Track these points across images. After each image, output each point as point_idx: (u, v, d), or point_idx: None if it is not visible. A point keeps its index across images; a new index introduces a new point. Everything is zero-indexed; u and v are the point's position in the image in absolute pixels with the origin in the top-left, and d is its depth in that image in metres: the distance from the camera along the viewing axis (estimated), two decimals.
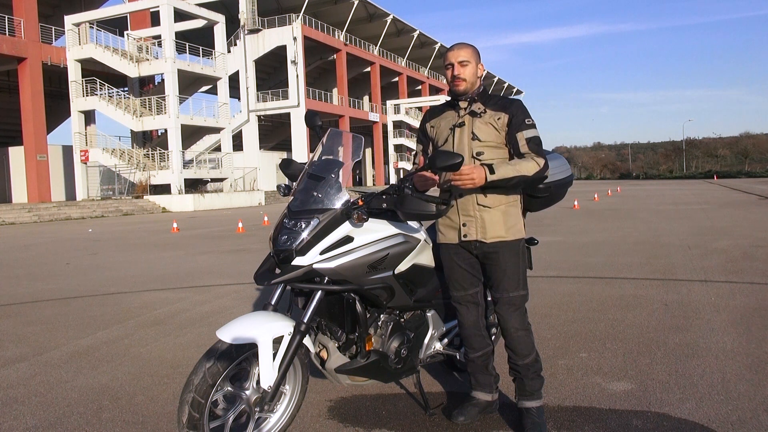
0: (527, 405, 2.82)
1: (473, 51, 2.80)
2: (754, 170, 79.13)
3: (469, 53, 2.77)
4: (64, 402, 3.39)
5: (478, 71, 2.80)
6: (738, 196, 24.27)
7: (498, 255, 2.76)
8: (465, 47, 2.80)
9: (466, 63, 2.75)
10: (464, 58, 2.75)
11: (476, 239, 2.76)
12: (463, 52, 2.77)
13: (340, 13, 48.71)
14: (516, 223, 2.80)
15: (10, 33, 30.90)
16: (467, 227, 2.77)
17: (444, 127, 2.86)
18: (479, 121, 2.75)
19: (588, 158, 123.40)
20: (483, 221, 2.75)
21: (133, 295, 6.61)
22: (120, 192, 32.03)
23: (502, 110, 2.75)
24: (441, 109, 2.94)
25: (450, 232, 2.84)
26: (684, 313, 4.93)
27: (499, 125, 2.74)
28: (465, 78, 2.75)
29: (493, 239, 2.75)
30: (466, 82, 2.76)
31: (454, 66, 2.76)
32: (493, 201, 2.74)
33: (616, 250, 8.92)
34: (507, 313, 2.80)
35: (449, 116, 2.86)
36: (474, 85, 2.79)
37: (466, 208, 2.77)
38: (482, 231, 2.75)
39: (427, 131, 2.96)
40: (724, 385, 3.30)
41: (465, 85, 2.76)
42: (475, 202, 2.75)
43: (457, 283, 2.89)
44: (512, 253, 2.78)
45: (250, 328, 2.36)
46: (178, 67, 31.56)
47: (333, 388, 3.42)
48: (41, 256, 11.07)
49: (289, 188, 2.75)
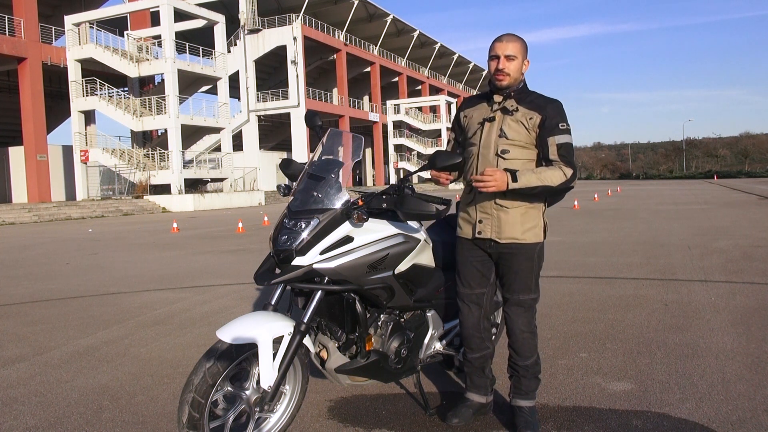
0: (521, 404, 2.81)
1: (522, 45, 2.66)
2: (754, 170, 79.16)
3: (517, 48, 2.64)
4: (64, 402, 3.39)
5: (524, 67, 2.69)
6: (738, 196, 24.27)
7: (511, 257, 2.73)
8: (514, 40, 2.65)
9: (513, 58, 2.63)
10: (511, 52, 2.63)
11: (490, 238, 2.73)
12: (511, 45, 2.63)
13: (340, 13, 48.71)
14: (534, 227, 2.73)
15: (10, 33, 30.90)
16: (482, 224, 2.73)
17: (475, 119, 2.78)
18: (510, 118, 2.67)
19: (588, 158, 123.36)
20: (499, 220, 2.70)
21: (133, 295, 6.61)
22: (120, 192, 32.03)
23: (536, 110, 2.65)
24: (477, 99, 2.84)
25: (466, 226, 2.81)
26: (684, 313, 4.93)
27: (531, 125, 2.65)
28: (509, 73, 2.63)
29: (507, 240, 2.70)
30: (509, 77, 2.64)
31: (500, 59, 2.63)
32: (512, 202, 2.68)
33: (616, 250, 8.92)
34: (515, 314, 2.78)
35: (482, 108, 2.78)
36: (517, 81, 2.68)
37: (484, 206, 2.73)
38: (497, 230, 2.71)
39: (461, 120, 2.88)
40: (724, 385, 3.30)
41: (508, 80, 2.65)
42: (493, 201, 2.70)
43: (465, 279, 2.86)
44: (526, 256, 2.73)
45: (250, 328, 2.36)
46: (178, 67, 31.55)
47: (333, 388, 3.41)
48: (41, 256, 11.07)
49: (289, 188, 2.75)
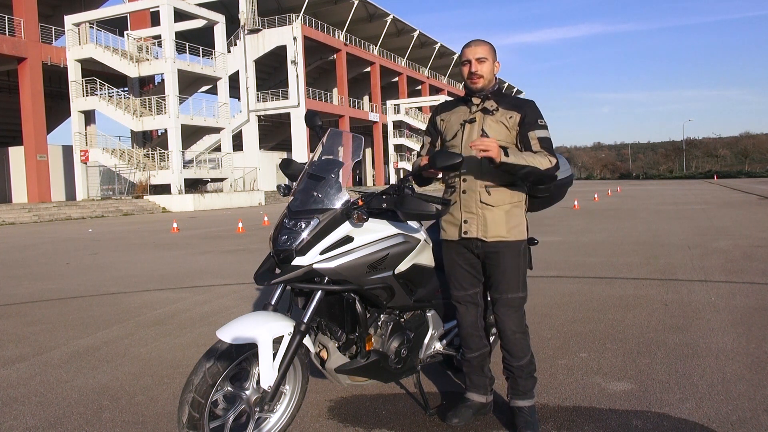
0: (519, 404, 2.82)
1: (490, 48, 2.78)
2: (754, 170, 79.20)
3: (486, 50, 2.76)
4: (64, 402, 3.39)
5: (495, 68, 2.78)
6: (738, 196, 24.28)
7: (498, 255, 2.76)
8: (482, 44, 2.77)
9: (483, 60, 2.74)
10: (482, 54, 2.74)
11: (477, 237, 2.75)
12: (480, 48, 2.75)
13: (340, 13, 48.71)
14: (518, 224, 2.79)
15: (10, 33, 30.90)
16: (468, 224, 2.76)
17: (454, 121, 2.85)
18: (491, 119, 2.74)
19: (588, 158, 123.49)
20: (485, 219, 2.74)
21: (133, 295, 6.61)
22: (120, 192, 32.03)
23: (515, 109, 2.74)
24: (453, 103, 2.92)
25: (451, 228, 2.84)
26: (684, 313, 4.93)
27: (511, 124, 2.73)
28: (483, 75, 2.74)
29: (494, 238, 2.74)
30: (483, 78, 2.74)
31: (472, 63, 2.74)
32: (496, 200, 2.74)
33: (616, 250, 8.92)
34: (505, 314, 2.79)
35: (461, 111, 2.85)
36: (491, 83, 2.78)
37: (468, 205, 2.76)
38: (483, 229, 2.74)
39: (437, 124, 2.94)
40: (724, 385, 3.30)
41: (483, 82, 2.75)
42: (478, 200, 2.74)
43: (457, 282, 2.89)
44: (513, 254, 2.77)
45: (250, 328, 2.36)
46: (178, 67, 31.55)
47: (333, 388, 3.41)
48: (41, 256, 11.07)
49: (289, 188, 2.75)
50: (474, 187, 2.74)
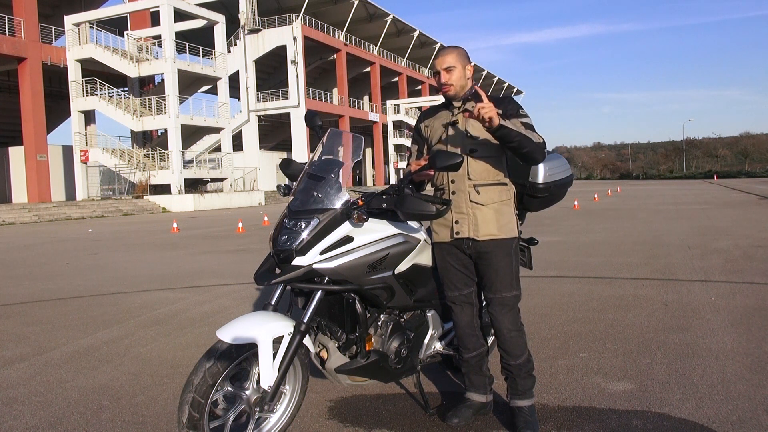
0: (519, 404, 2.82)
1: (458, 54, 2.80)
2: (754, 170, 79.14)
3: (453, 58, 2.78)
4: (64, 402, 3.39)
5: (467, 73, 2.81)
6: (738, 196, 24.28)
7: (490, 254, 2.77)
8: (449, 53, 2.80)
9: (451, 68, 2.77)
10: (449, 63, 2.77)
11: (468, 237, 2.77)
12: (447, 58, 2.78)
13: (340, 13, 48.72)
14: (508, 222, 2.80)
15: (10, 33, 30.91)
16: (459, 224, 2.78)
17: (438, 125, 2.89)
18: (473, 119, 2.75)
19: (588, 158, 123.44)
20: (476, 218, 2.76)
21: (133, 295, 6.61)
22: (120, 192, 32.05)
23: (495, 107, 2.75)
24: (436, 109, 2.97)
25: (443, 230, 2.85)
26: (684, 313, 4.93)
27: None
28: (452, 83, 2.78)
29: (486, 237, 2.75)
30: (453, 86, 2.78)
31: (441, 74, 2.79)
32: (485, 199, 2.76)
33: (616, 250, 8.92)
34: (500, 313, 2.80)
35: (443, 116, 2.89)
36: (464, 88, 2.81)
37: (459, 206, 2.79)
38: (474, 228, 2.76)
39: (422, 131, 2.99)
40: (724, 385, 3.30)
41: (454, 90, 2.79)
42: (468, 200, 2.77)
43: (451, 283, 2.90)
44: (505, 252, 2.79)
45: (250, 328, 2.36)
46: (178, 67, 31.56)
47: (333, 388, 3.42)
48: (41, 256, 11.07)
49: (289, 188, 2.76)
50: (463, 187, 2.77)
